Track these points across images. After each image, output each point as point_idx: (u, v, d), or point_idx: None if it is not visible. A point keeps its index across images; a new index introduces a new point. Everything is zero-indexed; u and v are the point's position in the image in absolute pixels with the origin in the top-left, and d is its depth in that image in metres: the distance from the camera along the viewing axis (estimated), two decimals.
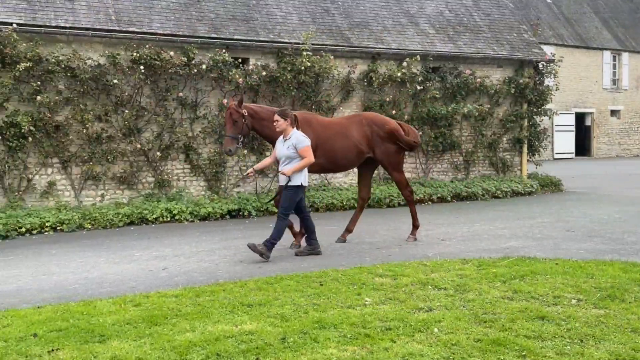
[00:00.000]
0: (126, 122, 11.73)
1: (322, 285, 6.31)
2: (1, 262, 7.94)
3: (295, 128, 7.67)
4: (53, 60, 11.04)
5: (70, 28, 11.38)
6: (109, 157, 11.61)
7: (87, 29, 11.50)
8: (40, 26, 11.15)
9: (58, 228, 10.37)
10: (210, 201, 12.00)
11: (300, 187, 7.60)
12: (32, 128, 10.76)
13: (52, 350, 4.54)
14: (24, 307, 5.71)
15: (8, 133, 10.69)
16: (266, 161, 8.04)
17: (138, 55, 11.61)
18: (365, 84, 14.15)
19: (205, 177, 12.67)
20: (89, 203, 11.63)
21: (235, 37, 12.75)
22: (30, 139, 10.85)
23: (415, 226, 9.11)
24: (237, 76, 12.29)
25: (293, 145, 7.52)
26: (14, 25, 10.76)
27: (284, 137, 7.64)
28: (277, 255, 8.04)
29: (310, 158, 7.53)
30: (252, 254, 7.81)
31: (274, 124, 7.66)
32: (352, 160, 8.69)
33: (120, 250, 8.69)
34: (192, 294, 6.01)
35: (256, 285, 6.35)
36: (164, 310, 5.51)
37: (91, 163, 11.48)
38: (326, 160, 8.47)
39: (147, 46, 11.76)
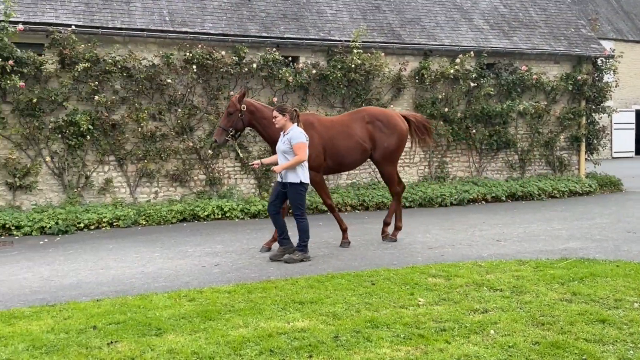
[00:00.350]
0: (179, 121, 12.00)
1: (373, 284, 6.29)
2: (61, 257, 8.25)
3: (295, 124, 7.44)
4: (110, 60, 11.39)
5: (126, 29, 11.71)
6: (162, 155, 11.90)
7: (142, 30, 11.81)
8: (98, 27, 11.52)
9: (114, 224, 10.70)
10: (261, 199, 12.13)
11: (301, 184, 7.37)
12: (90, 127, 11.13)
13: (111, 342, 4.68)
14: (83, 300, 5.91)
15: (67, 131, 11.10)
16: (274, 157, 7.75)
17: (191, 55, 11.85)
18: (417, 81, 14.01)
19: (255, 175, 12.82)
20: (143, 200, 11.95)
21: (286, 35, 12.84)
22: (88, 137, 11.24)
23: (398, 227, 8.99)
24: (287, 75, 12.38)
25: (288, 140, 7.32)
26: (73, 27, 11.15)
27: (283, 133, 7.47)
28: (327, 253, 8.06)
29: (302, 156, 7.25)
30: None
31: (273, 120, 7.52)
32: (357, 160, 8.55)
33: (173, 246, 8.89)
34: (244, 291, 6.09)
35: (307, 283, 6.38)
36: (217, 305, 5.61)
37: (145, 161, 11.79)
38: (332, 162, 8.35)
39: (199, 46, 11.98)
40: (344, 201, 12.34)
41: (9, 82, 10.35)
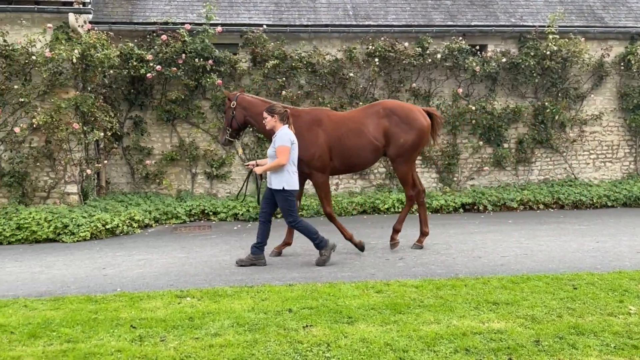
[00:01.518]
0: None
1: (575, 289, 5.83)
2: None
3: (285, 125, 7.02)
4: (296, 57, 11.97)
5: (311, 26, 12.22)
6: None
7: (327, 26, 12.23)
8: (286, 25, 12.17)
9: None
10: (443, 194, 11.92)
11: (285, 191, 6.92)
12: None
13: (306, 326, 4.90)
14: (276, 284, 6.27)
15: None
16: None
17: (373, 48, 12.00)
18: (622, 68, 12.72)
19: (437, 169, 12.63)
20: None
21: (473, 23, 12.43)
22: None
23: (425, 233, 8.16)
24: (474, 64, 11.98)
25: (274, 143, 6.96)
26: (264, 27, 11.90)
27: (274, 136, 7.05)
28: (519, 254, 7.66)
29: (282, 160, 6.80)
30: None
31: (263, 121, 7.16)
32: (367, 159, 7.82)
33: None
34: (432, 286, 6.01)
35: (500, 283, 6.11)
36: (405, 299, 5.60)
37: None
38: (340, 162, 7.71)
39: (382, 38, 12.09)
40: (536, 198, 11.63)
41: (208, 80, 11.36)
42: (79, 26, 10.39)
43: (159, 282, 6.54)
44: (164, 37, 11.23)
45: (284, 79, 11.98)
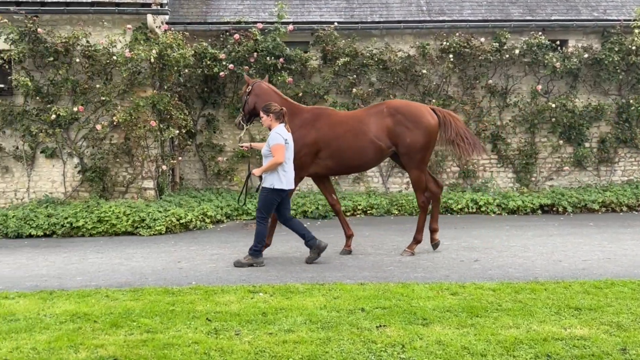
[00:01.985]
0: None
1: None
2: (323, 239, 8.86)
3: (281, 123, 7.00)
4: (367, 54, 11.92)
5: (383, 22, 12.13)
6: None
7: (399, 22, 12.11)
8: (358, 23, 12.15)
9: (368, 212, 11.22)
10: (520, 194, 11.56)
11: (274, 191, 6.88)
12: None
13: (380, 326, 4.86)
14: (347, 282, 6.26)
15: None
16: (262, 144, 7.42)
17: (447, 44, 11.79)
18: None
19: (513, 168, 12.27)
20: (395, 190, 12.30)
21: (553, 17, 12.00)
22: None
23: (417, 240, 7.72)
24: (554, 60, 11.56)
25: (268, 142, 6.91)
26: (335, 24, 11.91)
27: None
28: (601, 258, 7.32)
29: (278, 158, 6.78)
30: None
31: (260, 120, 7.13)
32: (368, 160, 7.55)
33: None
34: (511, 290, 5.83)
35: (582, 288, 5.85)
36: (482, 302, 5.45)
37: None
38: (334, 163, 7.53)
39: (456, 34, 11.86)
40: (619, 200, 11.10)
41: (279, 78, 11.49)
42: (156, 27, 10.76)
43: (231, 276, 6.67)
44: (236, 36, 11.45)
45: (354, 76, 11.96)
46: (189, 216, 9.84)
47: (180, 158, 11.85)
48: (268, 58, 11.42)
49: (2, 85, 10.73)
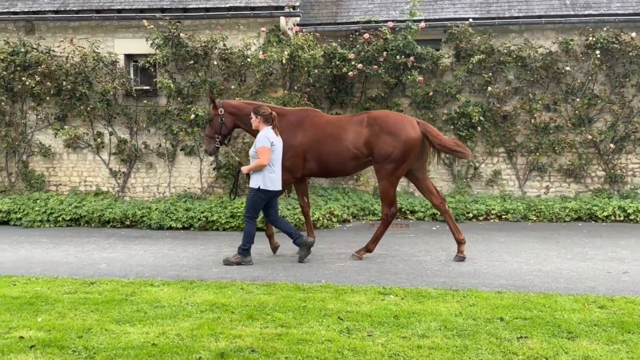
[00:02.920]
0: (576, 112, 11.32)
1: None
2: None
3: (268, 126, 7.19)
4: (504, 50, 11.46)
5: (522, 17, 11.59)
6: (556, 148, 11.43)
7: (540, 17, 11.51)
8: (494, 18, 11.70)
9: (503, 217, 10.77)
10: None
11: (259, 191, 7.10)
12: (481, 118, 11.42)
13: (521, 337, 4.62)
14: (483, 290, 6.03)
15: (459, 123, 11.62)
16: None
17: (594, 39, 11.03)
18: None
19: None
20: (532, 194, 11.71)
21: None
22: (479, 128, 11.56)
23: (368, 249, 7.66)
24: None
25: (255, 144, 7.13)
26: (470, 20, 11.56)
27: None
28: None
29: (263, 160, 7.01)
30: None
31: (251, 121, 7.34)
32: (345, 166, 7.65)
33: (570, 246, 8.42)
34: None
35: None
36: (634, 318, 5.04)
37: (537, 154, 11.50)
38: (316, 165, 7.71)
39: (604, 29, 11.06)
40: None
41: (409, 77, 11.36)
42: (288, 29, 11.08)
43: (360, 277, 6.68)
44: (366, 35, 11.48)
45: (490, 74, 11.54)
46: (317, 215, 10.02)
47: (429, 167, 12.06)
48: (398, 57, 11.32)
49: (147, 87, 11.59)
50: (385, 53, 11.38)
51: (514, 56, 11.42)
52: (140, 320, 5.05)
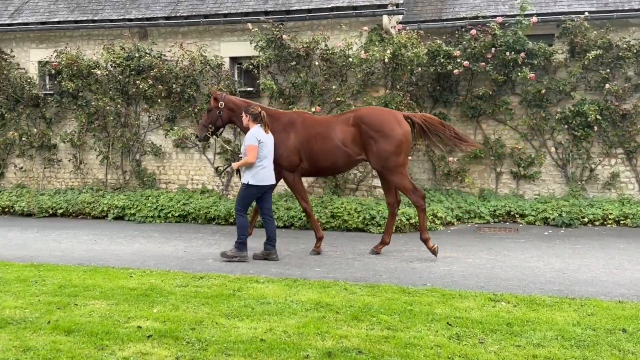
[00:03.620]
0: None
1: None
2: (569, 250, 8.24)
3: (257, 125, 7.54)
4: (624, 45, 10.77)
5: None
6: None
7: None
8: (612, 11, 11.03)
9: (621, 222, 10.13)
10: None
11: (249, 187, 7.47)
12: (598, 117, 10.79)
13: None
14: (602, 299, 5.68)
15: (574, 122, 11.04)
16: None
17: None
18: None
19: None
20: None
21: None
22: (595, 128, 10.93)
23: (384, 243, 8.13)
24: None
25: (244, 142, 7.48)
26: (586, 14, 10.95)
27: None
28: None
29: (249, 158, 7.40)
30: None
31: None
32: (336, 164, 8.02)
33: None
34: None
35: None
36: None
37: None
38: (308, 164, 8.06)
39: None
40: None
41: (519, 74, 10.92)
42: (391, 27, 11.00)
43: (467, 282, 6.50)
44: (473, 32, 11.17)
45: (607, 70, 10.89)
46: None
47: (409, 157, 11.92)
48: (507, 53, 10.93)
49: (250, 89, 11.91)
50: (493, 49, 11.03)
51: (634, 51, 10.70)
52: (248, 316, 5.19)
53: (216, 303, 5.56)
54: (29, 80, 12.69)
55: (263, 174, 7.52)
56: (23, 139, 12.76)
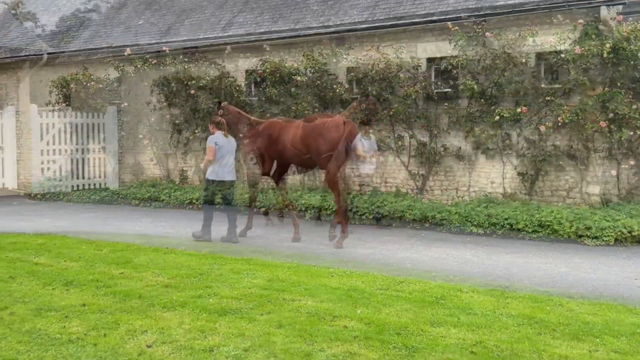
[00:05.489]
0: None
1: None
2: None
3: (219, 131, 9.30)
4: None
5: None
6: None
7: None
8: None
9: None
10: None
11: (208, 180, 9.36)
12: None
13: None
14: None
15: None
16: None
17: None
18: None
19: None
20: None
21: None
22: None
23: (297, 236, 9.43)
24: None
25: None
26: None
27: None
28: None
29: (207, 157, 9.27)
30: None
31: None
32: (292, 162, 9.69)
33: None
34: None
35: None
36: None
37: None
38: (277, 162, 9.74)
39: None
40: None
41: None
42: (610, 19, 10.06)
43: None
44: None
45: None
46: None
47: (632, 162, 10.75)
48: None
49: (448, 90, 11.65)
50: None
51: None
52: (455, 326, 5.03)
53: (419, 309, 5.47)
54: (237, 87, 13.77)
55: (218, 171, 9.23)
56: None
